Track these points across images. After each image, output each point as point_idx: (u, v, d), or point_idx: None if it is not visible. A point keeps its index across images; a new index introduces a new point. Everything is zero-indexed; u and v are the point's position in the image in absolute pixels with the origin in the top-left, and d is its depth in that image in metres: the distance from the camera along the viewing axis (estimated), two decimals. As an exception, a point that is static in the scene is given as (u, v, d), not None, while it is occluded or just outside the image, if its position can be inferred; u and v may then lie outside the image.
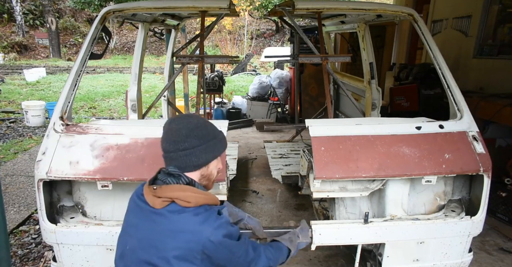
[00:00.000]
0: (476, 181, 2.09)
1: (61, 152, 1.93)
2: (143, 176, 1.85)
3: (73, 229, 1.92)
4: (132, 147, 1.95)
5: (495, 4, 4.68)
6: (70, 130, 2.01)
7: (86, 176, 1.88)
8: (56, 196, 2.04)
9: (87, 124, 2.07)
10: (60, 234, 1.92)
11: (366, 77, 3.77)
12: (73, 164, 1.90)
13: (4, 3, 19.40)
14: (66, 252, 1.97)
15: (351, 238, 2.02)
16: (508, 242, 3.08)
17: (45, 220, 1.92)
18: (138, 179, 1.81)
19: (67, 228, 1.92)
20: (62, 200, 2.06)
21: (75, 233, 1.91)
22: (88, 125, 2.05)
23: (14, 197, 3.75)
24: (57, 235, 1.92)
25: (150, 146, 1.92)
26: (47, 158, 1.90)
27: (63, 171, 1.88)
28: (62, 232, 1.92)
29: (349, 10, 2.79)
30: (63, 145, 1.95)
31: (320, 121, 2.17)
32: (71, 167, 1.89)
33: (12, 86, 10.97)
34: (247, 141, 5.97)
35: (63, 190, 2.05)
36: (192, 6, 2.60)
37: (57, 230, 1.91)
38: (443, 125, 2.11)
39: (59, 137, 1.97)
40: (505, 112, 3.34)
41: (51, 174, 1.87)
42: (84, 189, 2.05)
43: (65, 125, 2.02)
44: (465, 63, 5.10)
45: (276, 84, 7.36)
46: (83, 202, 2.06)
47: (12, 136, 6.24)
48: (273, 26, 20.48)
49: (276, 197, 3.85)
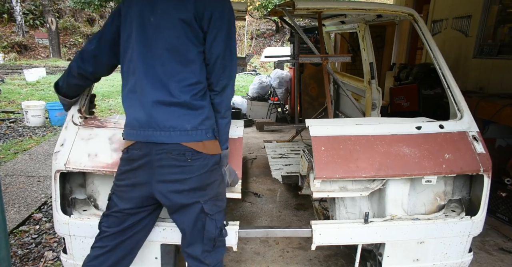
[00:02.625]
0: (476, 181, 2.09)
1: (79, 144, 1.94)
2: None
3: (87, 221, 1.93)
4: None
5: (495, 4, 4.68)
6: (89, 123, 2.02)
7: (105, 169, 1.88)
8: (69, 188, 2.05)
9: (105, 118, 2.09)
10: (74, 226, 1.94)
11: (366, 77, 3.77)
12: (91, 157, 1.91)
13: (4, 3, 19.41)
14: (78, 244, 1.98)
15: (351, 238, 2.02)
16: (508, 242, 3.08)
17: (59, 211, 1.93)
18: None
19: (81, 220, 1.94)
20: (74, 192, 2.06)
21: (89, 226, 1.92)
22: (107, 119, 2.06)
23: (14, 197, 3.75)
24: (70, 227, 1.94)
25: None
26: (65, 149, 1.91)
27: (81, 162, 1.89)
28: (76, 224, 1.93)
29: (349, 10, 2.79)
30: (82, 137, 1.96)
31: (320, 121, 2.17)
32: (90, 159, 1.90)
33: (12, 86, 10.97)
34: (247, 141, 5.97)
35: (76, 182, 2.06)
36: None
37: (70, 222, 1.93)
38: (443, 125, 2.11)
39: (78, 129, 1.98)
40: (505, 112, 3.34)
41: (70, 166, 1.88)
42: (97, 182, 2.06)
43: (84, 118, 2.03)
44: (465, 63, 5.11)
45: (276, 84, 7.36)
46: (95, 195, 2.07)
47: (12, 135, 6.24)
48: (273, 26, 20.49)
49: (276, 197, 3.85)
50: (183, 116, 1.58)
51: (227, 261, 2.73)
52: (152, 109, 1.58)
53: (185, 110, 1.58)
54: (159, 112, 1.57)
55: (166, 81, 1.57)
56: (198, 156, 1.59)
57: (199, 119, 1.60)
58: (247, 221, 3.32)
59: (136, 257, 1.82)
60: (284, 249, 2.88)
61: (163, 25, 1.58)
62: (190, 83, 1.59)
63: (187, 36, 1.57)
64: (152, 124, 1.57)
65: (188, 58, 1.59)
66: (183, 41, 1.57)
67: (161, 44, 1.58)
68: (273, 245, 2.94)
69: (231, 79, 1.72)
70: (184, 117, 1.58)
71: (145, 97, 1.59)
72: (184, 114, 1.58)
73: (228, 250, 2.80)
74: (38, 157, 4.99)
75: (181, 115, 1.58)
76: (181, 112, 1.58)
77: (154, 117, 1.57)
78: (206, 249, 1.70)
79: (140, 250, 1.83)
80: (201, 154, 1.60)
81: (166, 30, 1.57)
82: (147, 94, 1.59)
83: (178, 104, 1.57)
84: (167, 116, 1.57)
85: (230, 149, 1.82)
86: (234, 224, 2.02)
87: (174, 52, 1.58)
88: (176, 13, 1.56)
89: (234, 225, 2.01)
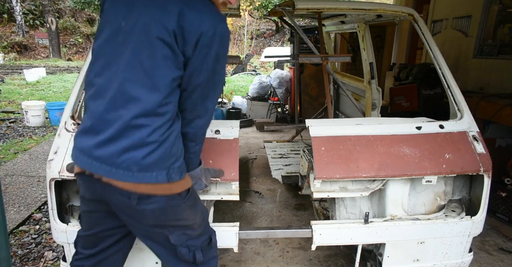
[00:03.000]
0: (477, 181, 2.09)
1: None
2: None
3: None
4: None
5: (495, 4, 4.68)
6: None
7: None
8: (66, 196, 2.03)
9: None
10: (72, 234, 1.90)
11: (366, 77, 3.77)
12: None
13: (4, 3, 19.41)
14: None
15: (351, 238, 2.02)
16: (508, 242, 3.08)
17: (56, 220, 1.91)
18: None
19: (79, 228, 1.92)
20: (72, 200, 2.05)
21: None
22: None
23: (14, 197, 3.75)
24: (69, 235, 1.91)
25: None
26: (59, 157, 1.89)
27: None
28: (74, 232, 1.89)
29: (350, 10, 2.79)
30: None
31: (321, 122, 2.17)
32: None
33: (12, 86, 10.97)
34: (247, 141, 5.97)
35: (73, 189, 2.04)
36: None
37: (68, 230, 1.91)
38: (444, 125, 2.11)
39: (71, 136, 1.96)
40: (505, 112, 3.34)
41: (64, 173, 1.85)
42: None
43: (77, 125, 2.01)
44: (465, 63, 5.10)
45: (276, 84, 7.35)
46: None
47: (12, 135, 6.23)
48: (273, 26, 20.48)
49: (276, 197, 3.85)
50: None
51: (227, 261, 2.73)
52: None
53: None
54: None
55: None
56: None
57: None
58: (247, 221, 3.31)
59: (137, 262, 1.80)
60: (284, 249, 2.88)
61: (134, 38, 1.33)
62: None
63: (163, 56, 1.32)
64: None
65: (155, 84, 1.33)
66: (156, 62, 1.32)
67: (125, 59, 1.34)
68: (273, 245, 2.94)
69: (208, 112, 1.48)
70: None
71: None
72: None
73: (229, 251, 2.81)
74: (38, 157, 4.98)
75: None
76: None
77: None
78: (189, 266, 1.61)
79: (140, 255, 1.81)
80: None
81: (136, 45, 1.33)
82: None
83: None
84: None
85: (224, 149, 1.76)
86: (234, 225, 2.01)
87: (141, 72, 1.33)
88: (155, 25, 1.30)
89: (235, 226, 2.01)
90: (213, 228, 1.95)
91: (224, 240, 1.98)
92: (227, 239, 1.98)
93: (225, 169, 1.91)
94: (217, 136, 2.00)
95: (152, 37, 1.30)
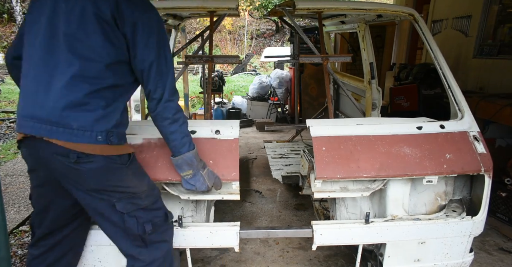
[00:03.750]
0: (477, 181, 2.09)
1: None
2: (157, 176, 1.84)
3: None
4: (145, 147, 1.93)
5: (495, 4, 4.68)
6: None
7: None
8: None
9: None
10: None
11: (366, 77, 3.77)
12: None
13: (4, 3, 19.40)
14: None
15: (352, 238, 2.02)
16: (508, 242, 3.08)
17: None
18: (152, 179, 1.79)
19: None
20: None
21: (89, 234, 1.90)
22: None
23: (14, 197, 3.74)
24: None
25: (164, 146, 1.90)
26: None
27: None
28: None
29: (350, 10, 2.79)
30: None
31: (321, 122, 2.16)
32: None
33: (12, 86, 10.96)
34: (247, 141, 5.97)
35: None
36: (201, 7, 2.61)
37: None
38: (444, 125, 2.11)
39: None
40: (505, 112, 3.34)
41: None
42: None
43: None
44: (465, 63, 5.11)
45: (276, 84, 7.36)
46: None
47: (12, 136, 6.23)
48: (273, 26, 20.48)
49: (276, 197, 3.85)
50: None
51: (227, 261, 2.73)
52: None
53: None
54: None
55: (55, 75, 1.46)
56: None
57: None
58: (247, 221, 3.31)
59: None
60: (284, 249, 2.88)
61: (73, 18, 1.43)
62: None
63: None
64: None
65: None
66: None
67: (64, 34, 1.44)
68: (273, 245, 2.94)
69: (171, 84, 1.59)
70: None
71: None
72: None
73: (229, 250, 2.81)
74: (38, 157, 4.98)
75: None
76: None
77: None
78: (137, 244, 1.63)
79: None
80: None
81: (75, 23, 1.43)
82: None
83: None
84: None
85: (224, 149, 1.76)
86: (235, 224, 2.01)
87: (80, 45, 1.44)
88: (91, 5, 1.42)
89: (235, 226, 2.00)
90: (213, 227, 1.96)
91: (225, 240, 1.98)
92: (228, 239, 1.98)
93: (225, 169, 1.91)
94: (217, 136, 2.00)
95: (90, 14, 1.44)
